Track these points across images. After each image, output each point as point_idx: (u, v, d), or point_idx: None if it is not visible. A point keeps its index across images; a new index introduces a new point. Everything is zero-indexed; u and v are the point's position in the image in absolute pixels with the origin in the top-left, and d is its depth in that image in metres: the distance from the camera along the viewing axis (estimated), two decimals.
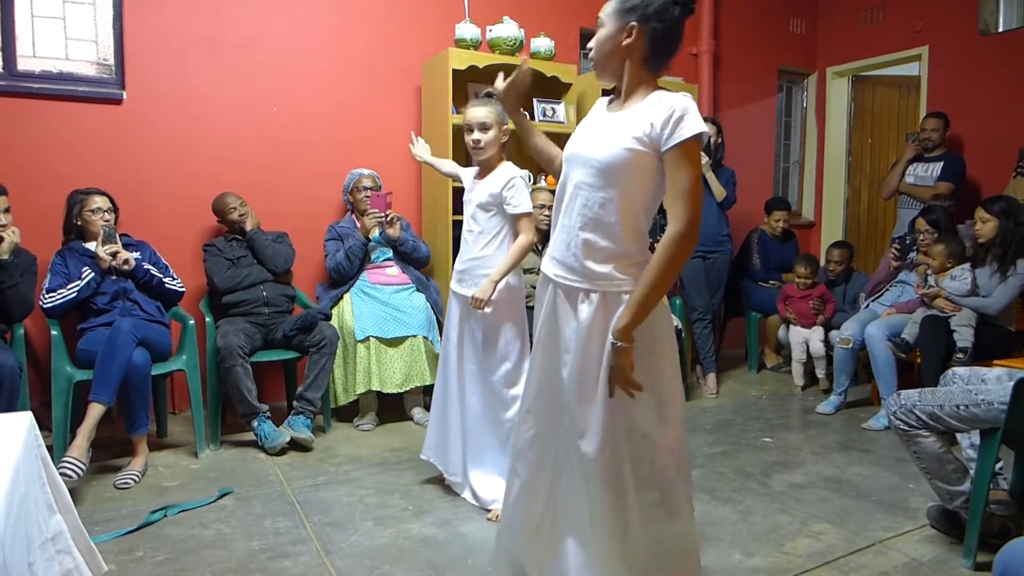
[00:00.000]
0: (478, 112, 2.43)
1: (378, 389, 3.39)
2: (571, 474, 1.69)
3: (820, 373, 4.27)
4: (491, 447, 2.50)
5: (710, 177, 4.10)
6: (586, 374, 1.59)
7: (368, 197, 3.57)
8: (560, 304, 1.66)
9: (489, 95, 2.50)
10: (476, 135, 2.42)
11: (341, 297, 3.56)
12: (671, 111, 1.46)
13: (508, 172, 2.45)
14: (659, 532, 1.63)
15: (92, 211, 3.03)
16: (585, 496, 1.64)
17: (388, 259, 3.68)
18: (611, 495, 1.58)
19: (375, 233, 3.59)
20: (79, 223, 3.07)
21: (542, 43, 4.01)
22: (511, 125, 2.31)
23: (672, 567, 1.66)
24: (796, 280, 4.35)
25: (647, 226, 1.62)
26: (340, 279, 3.58)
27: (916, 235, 3.86)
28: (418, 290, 3.64)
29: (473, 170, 2.59)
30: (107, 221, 3.03)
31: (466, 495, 2.56)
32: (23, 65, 3.32)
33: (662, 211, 1.56)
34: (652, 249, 1.56)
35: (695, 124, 1.45)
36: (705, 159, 4.07)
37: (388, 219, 3.49)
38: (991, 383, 2.24)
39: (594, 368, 1.58)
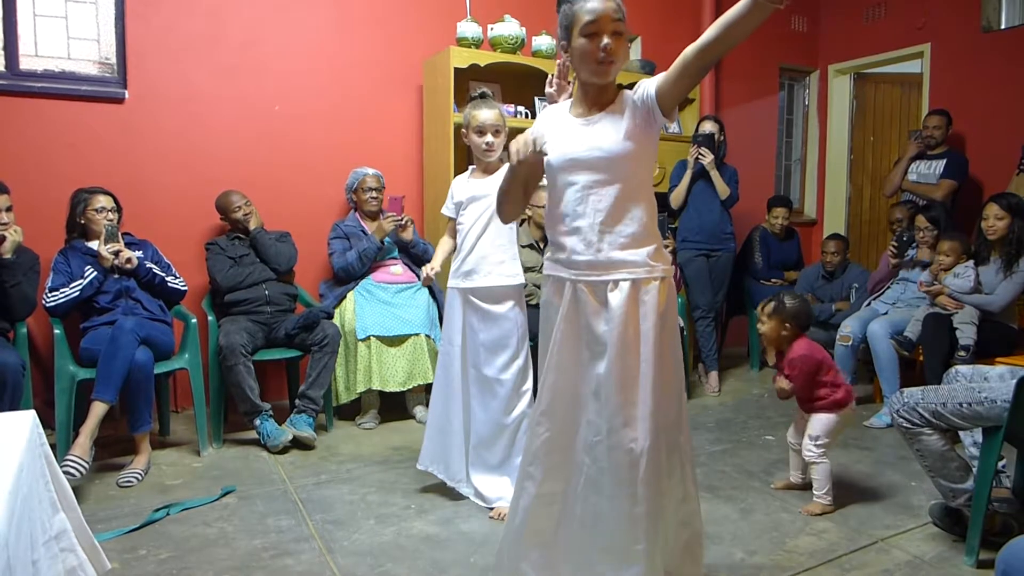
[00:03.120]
0: (491, 114, 2.44)
1: (380, 388, 3.39)
2: (592, 475, 1.66)
3: (806, 477, 2.69)
4: (494, 448, 2.49)
5: (714, 175, 4.10)
6: (627, 362, 1.61)
7: (374, 198, 3.64)
8: (584, 303, 1.66)
9: (484, 95, 2.51)
10: (490, 138, 2.44)
11: (345, 295, 3.56)
12: (637, 85, 1.66)
13: None
14: (684, 515, 1.71)
15: (96, 210, 3.04)
16: (609, 494, 1.63)
17: (393, 257, 3.68)
18: (654, 481, 1.62)
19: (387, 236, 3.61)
20: (82, 222, 3.07)
21: (543, 41, 4.01)
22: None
23: (691, 548, 1.74)
24: (761, 331, 2.68)
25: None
26: (348, 278, 3.58)
27: (915, 232, 3.85)
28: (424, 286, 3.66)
29: (464, 178, 2.57)
30: (110, 220, 3.04)
31: (469, 494, 2.56)
32: (25, 64, 3.32)
33: (665, 209, 1.60)
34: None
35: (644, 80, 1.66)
36: (710, 157, 4.06)
37: (402, 222, 3.51)
38: (994, 381, 2.23)
39: (634, 356, 1.61)
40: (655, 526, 1.62)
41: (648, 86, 1.61)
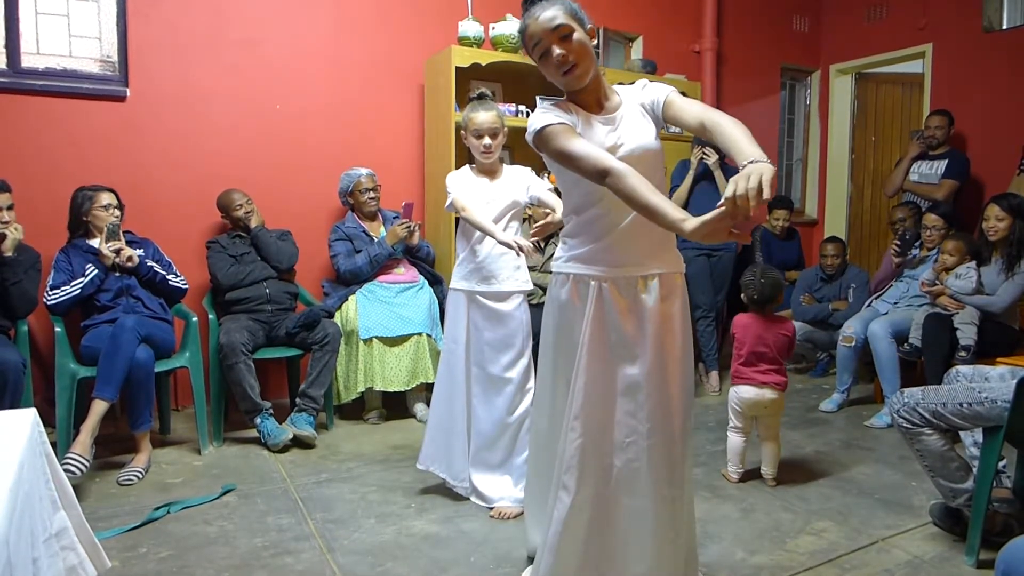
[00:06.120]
0: (488, 117, 2.43)
1: (382, 389, 3.40)
2: (624, 477, 1.66)
3: (766, 472, 2.79)
4: (496, 447, 2.50)
5: (718, 175, 4.10)
6: (663, 359, 1.65)
7: (372, 199, 3.65)
8: (610, 303, 1.65)
9: (484, 95, 2.50)
10: (487, 140, 2.43)
11: (348, 296, 3.55)
12: (643, 86, 1.69)
13: (519, 171, 2.53)
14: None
15: (102, 207, 3.03)
16: (644, 492, 1.66)
17: (396, 258, 3.68)
18: (687, 475, 1.72)
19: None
20: (87, 220, 3.07)
21: None
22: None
23: (692, 532, 1.81)
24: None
25: None
26: (354, 281, 3.58)
27: (923, 231, 3.85)
28: (431, 284, 3.68)
29: (465, 173, 2.55)
30: (116, 217, 3.04)
31: (470, 494, 2.55)
32: (27, 62, 3.32)
33: None
34: None
35: (658, 84, 1.70)
36: (715, 156, 4.06)
37: (411, 228, 3.53)
38: (994, 381, 2.23)
39: (667, 353, 1.66)
40: (692, 517, 1.75)
41: (658, 96, 1.63)
